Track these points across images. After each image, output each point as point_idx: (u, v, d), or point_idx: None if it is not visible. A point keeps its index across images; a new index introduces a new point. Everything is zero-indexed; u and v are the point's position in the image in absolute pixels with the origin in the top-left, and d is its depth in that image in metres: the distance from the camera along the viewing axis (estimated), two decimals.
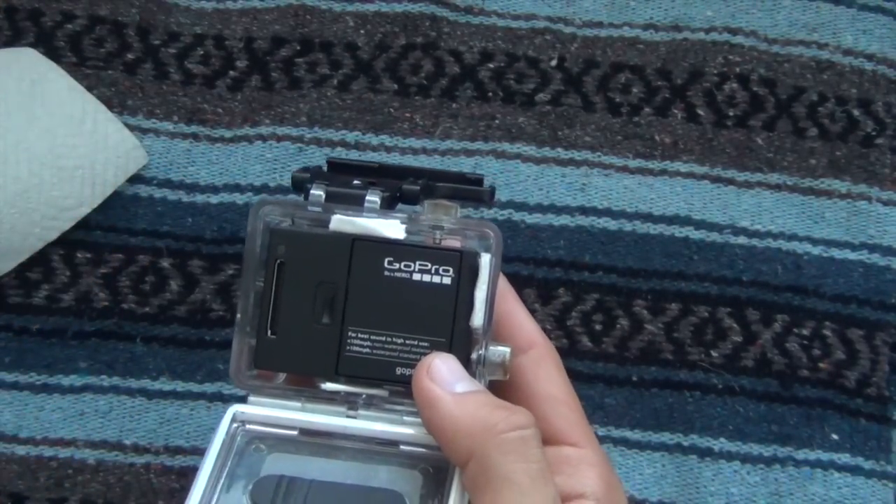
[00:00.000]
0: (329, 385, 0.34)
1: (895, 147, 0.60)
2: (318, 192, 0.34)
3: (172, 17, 0.61)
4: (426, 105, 0.60)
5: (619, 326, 0.56)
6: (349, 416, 0.34)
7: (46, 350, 0.56)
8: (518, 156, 0.59)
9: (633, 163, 0.59)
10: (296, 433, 0.34)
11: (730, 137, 0.59)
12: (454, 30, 0.61)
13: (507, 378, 0.34)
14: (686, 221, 0.58)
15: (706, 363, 0.56)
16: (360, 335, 0.34)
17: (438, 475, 0.32)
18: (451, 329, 0.33)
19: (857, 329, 0.56)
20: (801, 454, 0.54)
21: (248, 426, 0.34)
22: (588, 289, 0.57)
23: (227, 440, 0.33)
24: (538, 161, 0.59)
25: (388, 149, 0.59)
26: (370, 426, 0.33)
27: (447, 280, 0.33)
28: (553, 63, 0.61)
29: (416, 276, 0.33)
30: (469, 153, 0.59)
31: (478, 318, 0.33)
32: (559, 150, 0.59)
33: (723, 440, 0.54)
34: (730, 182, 0.59)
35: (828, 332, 0.56)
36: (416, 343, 0.33)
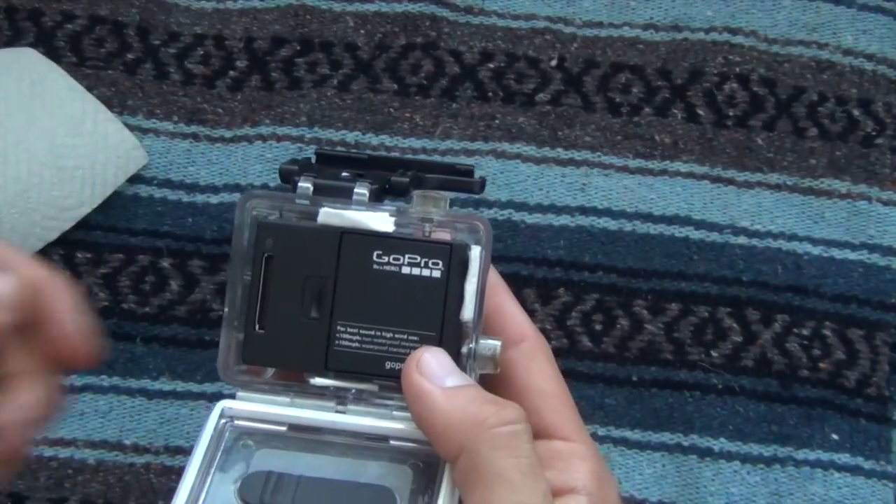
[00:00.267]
0: (318, 380, 0.34)
1: (895, 147, 0.60)
2: (306, 185, 0.34)
3: (172, 17, 0.61)
4: (426, 105, 0.60)
5: (619, 326, 0.56)
6: (338, 412, 0.33)
7: None
8: (518, 156, 0.59)
9: (633, 163, 0.59)
10: (285, 429, 0.33)
11: (730, 137, 0.59)
12: (454, 30, 0.61)
13: (498, 371, 0.33)
14: (686, 221, 0.58)
15: (706, 363, 0.56)
16: (349, 329, 0.33)
17: (428, 470, 0.32)
18: (441, 323, 0.33)
19: (857, 329, 0.56)
20: (801, 454, 0.54)
21: (237, 422, 0.33)
22: (588, 289, 0.57)
23: (216, 436, 0.33)
24: (538, 161, 0.59)
25: (388, 149, 0.59)
26: (360, 421, 0.33)
27: (436, 273, 0.33)
28: (553, 63, 0.61)
29: (406, 270, 0.33)
30: (469, 153, 0.59)
31: (468, 312, 0.33)
32: (559, 150, 0.59)
33: (723, 440, 0.54)
34: (730, 182, 0.59)
35: (828, 332, 0.56)
36: (406, 337, 0.33)
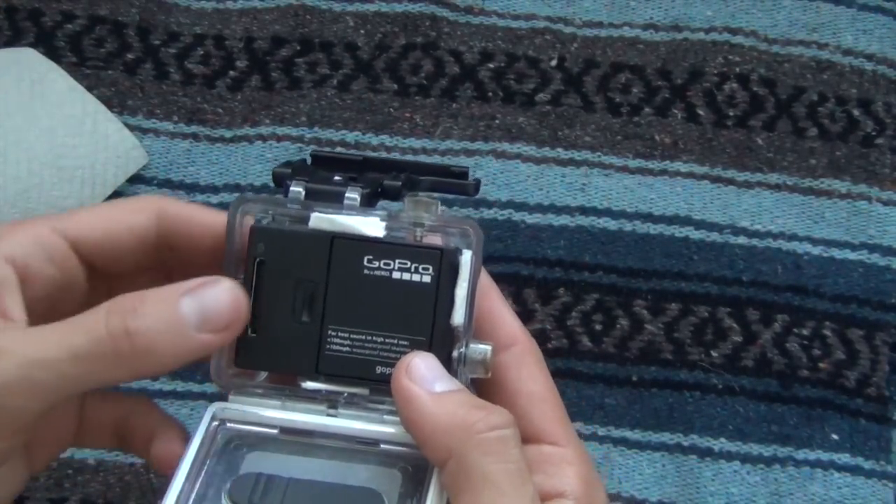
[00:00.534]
0: (309, 384, 0.34)
1: (895, 147, 0.60)
2: (298, 189, 0.34)
3: (172, 17, 0.61)
4: (426, 105, 0.60)
5: (619, 326, 0.56)
6: (330, 415, 0.33)
7: None
8: (518, 156, 0.59)
9: (633, 163, 0.59)
10: (276, 431, 0.33)
11: (730, 137, 0.59)
12: (454, 30, 0.61)
13: (489, 376, 0.34)
14: (686, 221, 0.58)
15: (706, 363, 0.56)
16: (340, 334, 0.33)
17: (417, 474, 0.32)
18: (431, 328, 0.33)
19: (857, 329, 0.56)
20: (801, 454, 0.54)
21: (229, 424, 0.33)
22: (588, 289, 0.57)
23: (207, 439, 0.33)
24: (538, 161, 0.59)
25: (388, 149, 0.59)
26: (350, 425, 0.33)
27: (427, 279, 0.33)
28: (553, 63, 0.61)
29: (396, 275, 0.33)
30: (469, 153, 0.59)
31: (458, 317, 0.33)
32: (559, 150, 0.59)
33: (723, 440, 0.54)
34: (730, 182, 0.59)
35: (828, 332, 0.56)
36: (396, 342, 0.33)
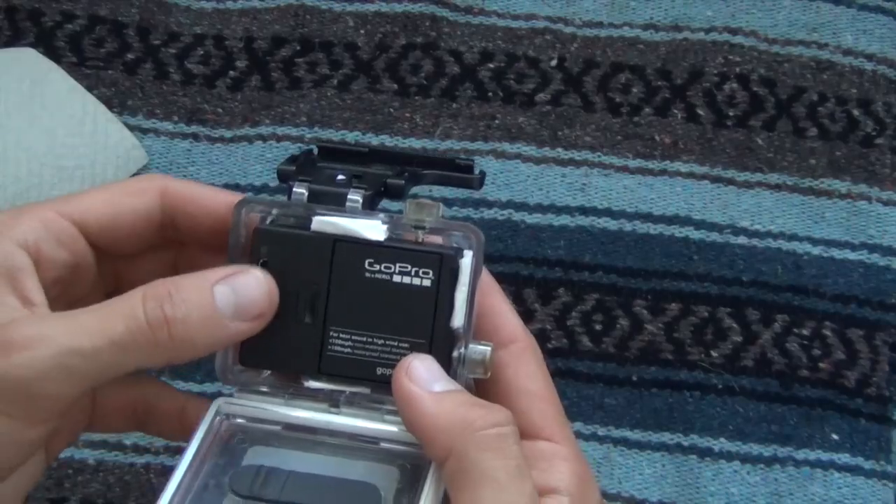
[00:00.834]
0: (312, 383, 0.34)
1: (895, 147, 0.60)
2: (301, 191, 0.34)
3: (172, 17, 0.61)
4: (426, 105, 0.60)
5: (619, 326, 0.56)
6: (331, 413, 0.34)
7: None
8: (518, 156, 0.59)
9: (633, 163, 0.59)
10: (279, 428, 0.34)
11: (730, 137, 0.59)
12: (454, 30, 0.61)
13: (488, 376, 0.34)
14: (686, 221, 0.58)
15: (706, 363, 0.56)
16: (342, 335, 0.34)
17: (416, 472, 0.32)
18: (431, 331, 0.33)
19: (857, 329, 0.56)
20: (801, 454, 0.54)
21: (233, 420, 0.34)
22: (588, 289, 0.57)
23: (211, 432, 0.33)
24: (538, 161, 0.59)
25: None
26: (352, 422, 0.34)
27: (427, 282, 0.33)
28: (553, 63, 0.61)
29: (397, 278, 0.33)
30: (469, 153, 0.59)
31: (458, 320, 0.33)
32: (559, 150, 0.59)
33: (723, 440, 0.54)
34: (730, 182, 0.59)
35: (828, 332, 0.56)
36: (397, 344, 0.34)
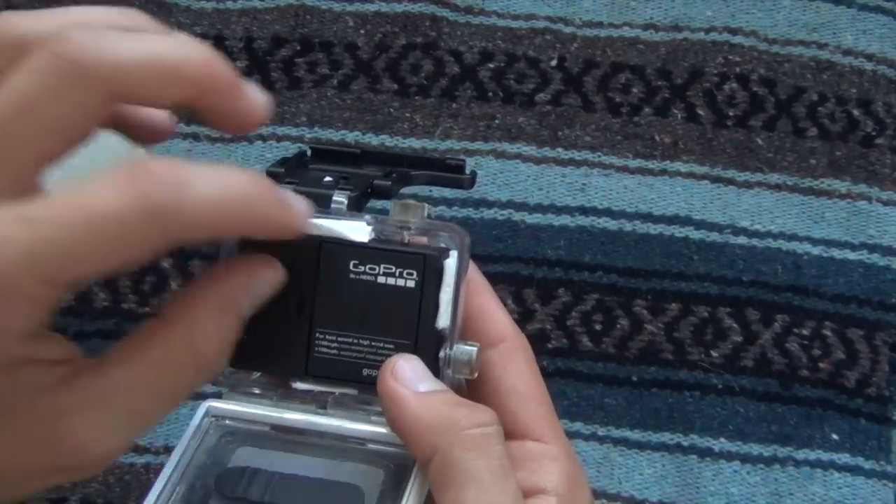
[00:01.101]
0: (300, 384, 0.35)
1: (895, 147, 0.60)
2: None
3: (172, 18, 0.61)
4: (426, 105, 0.60)
5: (619, 326, 0.56)
6: (319, 414, 0.34)
7: None
8: (518, 156, 0.59)
9: (633, 163, 0.59)
10: (267, 429, 0.34)
11: (730, 137, 0.59)
12: (454, 30, 0.61)
13: (475, 377, 0.34)
14: (686, 221, 0.58)
15: (706, 363, 0.56)
16: (329, 337, 0.34)
17: (400, 472, 0.33)
18: (416, 332, 0.34)
19: (857, 329, 0.56)
20: (801, 454, 0.54)
21: (221, 421, 0.34)
22: (588, 289, 0.57)
23: (199, 434, 0.34)
24: (538, 161, 0.59)
25: (389, 149, 0.59)
26: (339, 423, 0.34)
27: (411, 283, 0.33)
28: (553, 63, 0.61)
29: (381, 279, 0.34)
30: (469, 153, 0.59)
31: (443, 320, 0.34)
32: (559, 150, 0.59)
33: (723, 440, 0.54)
34: (730, 182, 0.59)
35: (828, 332, 0.56)
36: (382, 345, 0.34)
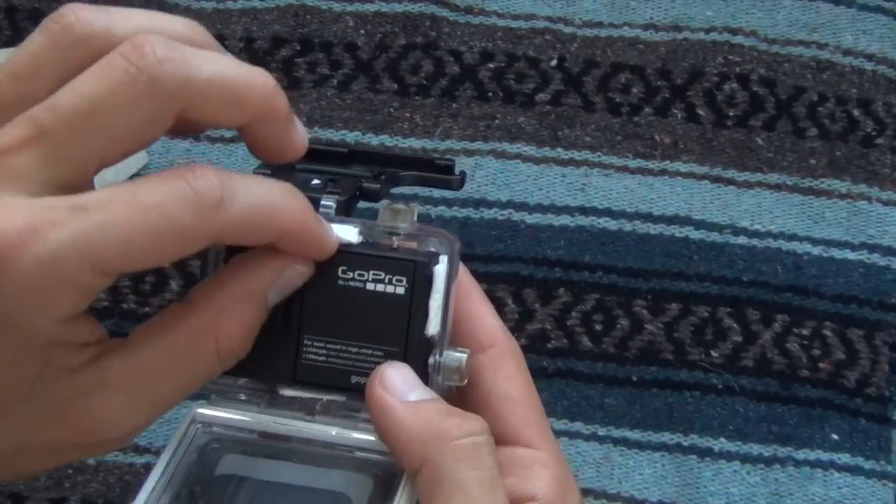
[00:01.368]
0: (287, 391, 0.34)
1: (895, 147, 0.60)
2: None
3: None
4: (426, 105, 0.60)
5: (619, 326, 0.56)
6: (307, 422, 0.34)
7: None
8: (518, 156, 0.59)
9: (633, 163, 0.59)
10: (254, 436, 0.34)
11: (730, 137, 0.59)
12: (454, 30, 0.61)
13: (465, 383, 0.34)
14: (686, 221, 0.58)
15: (706, 363, 0.56)
16: (316, 344, 0.33)
17: (389, 481, 0.32)
18: (405, 339, 0.33)
19: (857, 329, 0.56)
20: (801, 454, 0.54)
21: (208, 428, 0.34)
22: (588, 289, 0.57)
23: (185, 440, 0.33)
24: (538, 161, 0.59)
25: (388, 149, 0.59)
26: (326, 431, 0.33)
27: (401, 290, 0.33)
28: (553, 63, 0.61)
29: (370, 286, 0.33)
30: (469, 153, 0.59)
31: (433, 327, 0.33)
32: (559, 150, 0.59)
33: (723, 440, 0.54)
34: (730, 182, 0.59)
35: (828, 332, 0.56)
36: (371, 352, 0.33)
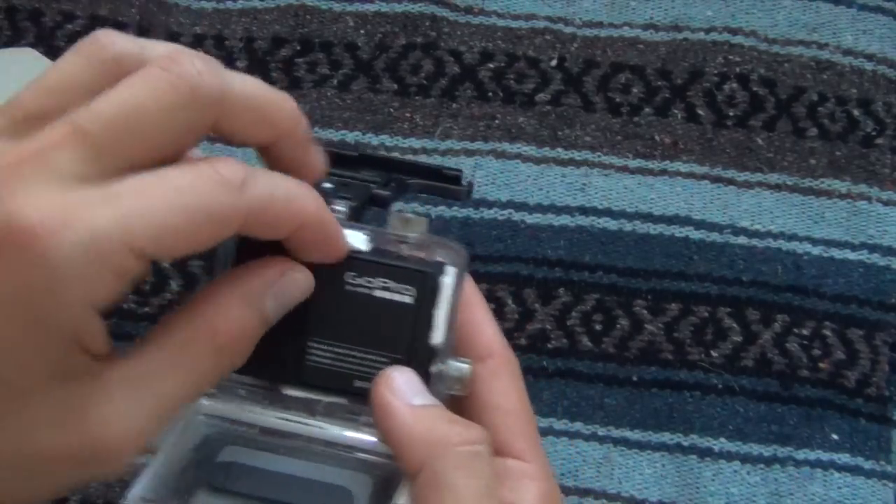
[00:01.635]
0: (290, 391, 0.34)
1: (895, 147, 0.60)
2: None
3: (172, 17, 0.61)
4: (426, 105, 0.60)
5: (619, 326, 0.56)
6: (308, 421, 0.34)
7: None
8: (518, 156, 0.59)
9: (633, 163, 0.59)
10: (255, 431, 0.34)
11: (730, 137, 0.59)
12: (454, 30, 0.61)
13: (466, 394, 0.34)
14: (686, 221, 0.58)
15: (706, 363, 0.56)
16: (322, 346, 0.34)
17: (388, 483, 0.32)
18: (410, 347, 0.33)
19: (857, 329, 0.56)
20: (801, 454, 0.54)
21: (210, 419, 0.34)
22: (588, 289, 0.57)
23: (187, 430, 0.34)
24: (538, 161, 0.59)
25: (388, 149, 0.59)
26: (328, 430, 0.33)
27: (408, 299, 0.33)
28: (553, 63, 0.61)
29: (378, 293, 0.33)
30: (469, 153, 0.59)
31: (437, 337, 0.33)
32: (559, 150, 0.59)
33: (723, 440, 0.54)
34: (730, 182, 0.59)
35: (828, 332, 0.56)
36: (375, 358, 0.33)
